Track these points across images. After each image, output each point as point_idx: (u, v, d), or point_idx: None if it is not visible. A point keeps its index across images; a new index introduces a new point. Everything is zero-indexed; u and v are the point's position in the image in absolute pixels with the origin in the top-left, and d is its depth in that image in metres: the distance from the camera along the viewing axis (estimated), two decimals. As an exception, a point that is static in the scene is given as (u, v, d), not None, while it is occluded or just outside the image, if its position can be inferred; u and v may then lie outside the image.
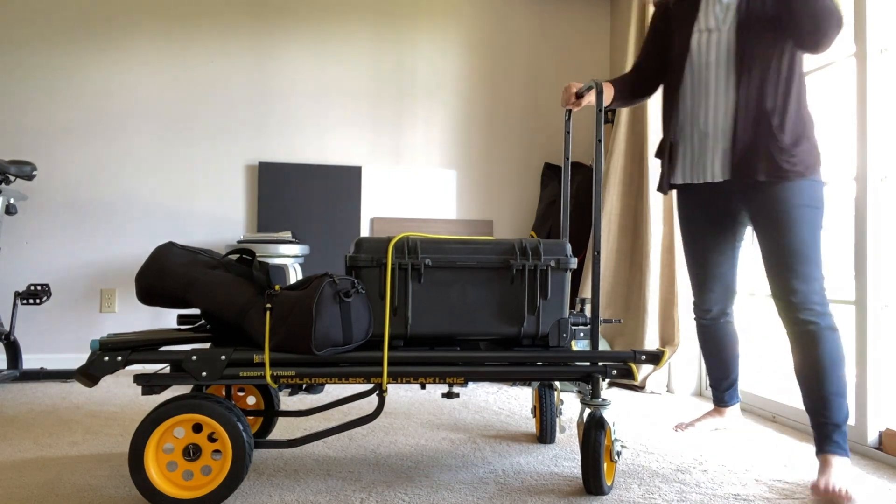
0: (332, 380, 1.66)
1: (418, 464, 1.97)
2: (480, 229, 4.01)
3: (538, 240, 1.81)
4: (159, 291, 1.74)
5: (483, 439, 2.25)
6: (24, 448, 2.10)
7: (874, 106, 2.17)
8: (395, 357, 1.68)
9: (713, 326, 2.21)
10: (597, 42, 4.18)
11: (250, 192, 3.83)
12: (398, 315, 1.73)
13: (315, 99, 3.90)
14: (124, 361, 1.60)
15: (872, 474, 1.96)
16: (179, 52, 3.78)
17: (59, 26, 3.67)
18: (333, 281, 1.65)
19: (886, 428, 2.12)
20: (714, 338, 2.22)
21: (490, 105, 4.06)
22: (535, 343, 1.80)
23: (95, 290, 3.67)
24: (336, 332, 1.62)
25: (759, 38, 1.84)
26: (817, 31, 1.72)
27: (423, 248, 1.74)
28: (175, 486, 1.57)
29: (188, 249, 1.80)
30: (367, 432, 2.33)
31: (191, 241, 3.75)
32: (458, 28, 4.04)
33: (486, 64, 4.07)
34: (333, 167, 3.85)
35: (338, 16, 3.93)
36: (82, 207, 3.67)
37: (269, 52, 3.87)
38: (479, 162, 4.05)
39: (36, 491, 1.70)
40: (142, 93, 3.75)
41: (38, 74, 3.65)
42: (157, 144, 3.76)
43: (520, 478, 1.85)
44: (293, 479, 1.81)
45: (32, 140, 3.64)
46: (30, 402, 2.78)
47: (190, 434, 1.58)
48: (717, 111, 1.92)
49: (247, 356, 1.63)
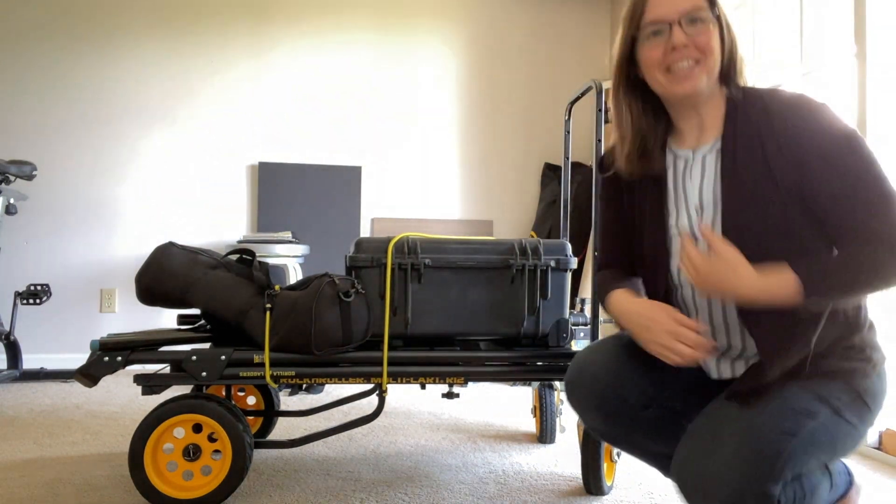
0: (332, 380, 1.66)
1: (418, 464, 1.97)
2: (480, 229, 4.01)
3: (538, 240, 1.81)
4: (159, 291, 1.74)
5: (483, 439, 2.25)
6: (24, 448, 2.09)
7: (874, 106, 2.17)
8: (395, 357, 1.67)
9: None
10: (596, 42, 4.18)
11: (250, 192, 3.83)
12: (398, 315, 1.73)
13: (315, 99, 3.90)
14: (124, 361, 1.60)
15: (872, 474, 1.96)
16: (179, 52, 3.78)
17: (59, 26, 3.67)
18: (333, 281, 1.65)
19: (886, 428, 2.12)
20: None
21: (490, 105, 4.06)
22: (535, 343, 1.80)
23: (95, 290, 3.67)
24: (336, 332, 1.62)
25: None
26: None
27: (423, 248, 1.74)
28: (175, 487, 1.57)
29: (188, 249, 1.79)
30: (367, 432, 2.33)
31: (191, 241, 3.75)
32: (458, 28, 4.04)
33: (486, 64, 4.07)
34: (333, 167, 3.85)
35: (338, 16, 3.93)
36: (82, 207, 3.67)
37: (269, 51, 3.86)
38: (479, 162, 4.05)
39: (36, 491, 1.70)
40: (142, 93, 3.75)
41: (38, 74, 3.65)
42: (157, 144, 3.76)
43: (520, 478, 1.85)
44: (293, 479, 1.81)
45: (32, 140, 3.63)
46: (30, 402, 2.78)
47: (190, 434, 1.58)
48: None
49: (247, 356, 1.63)
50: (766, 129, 1.14)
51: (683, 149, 1.26)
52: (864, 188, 1.09)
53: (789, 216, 1.12)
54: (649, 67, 1.21)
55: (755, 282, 1.07)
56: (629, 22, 1.22)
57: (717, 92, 1.22)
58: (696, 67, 1.17)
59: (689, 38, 1.15)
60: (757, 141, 1.15)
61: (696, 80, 1.17)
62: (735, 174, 1.16)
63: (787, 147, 1.12)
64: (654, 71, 1.20)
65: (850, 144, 1.11)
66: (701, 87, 1.18)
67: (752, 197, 1.14)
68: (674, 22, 1.16)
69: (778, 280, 1.07)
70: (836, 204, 1.10)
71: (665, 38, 1.17)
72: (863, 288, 1.09)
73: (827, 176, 1.10)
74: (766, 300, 1.07)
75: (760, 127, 1.15)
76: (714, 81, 1.20)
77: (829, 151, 1.11)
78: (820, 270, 1.08)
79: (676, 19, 1.16)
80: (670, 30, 1.16)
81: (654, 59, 1.19)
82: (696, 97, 1.20)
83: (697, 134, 1.24)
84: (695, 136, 1.25)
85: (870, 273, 1.07)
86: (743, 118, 1.18)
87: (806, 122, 1.12)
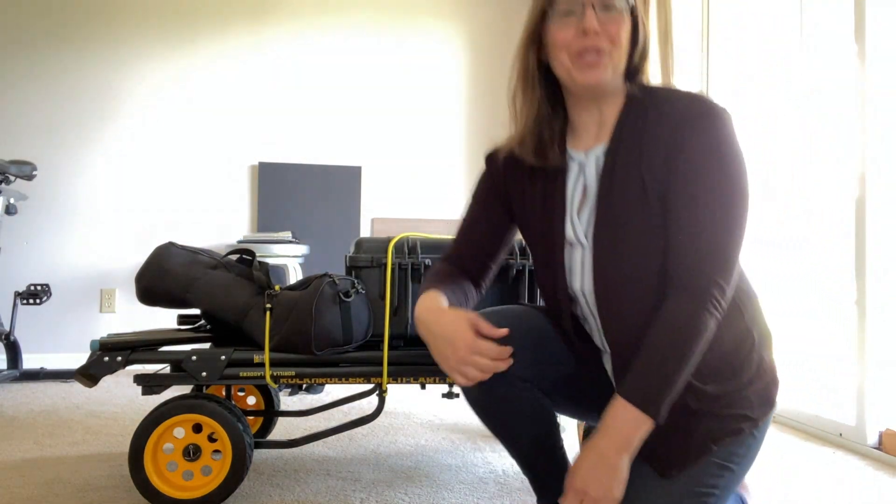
0: (332, 380, 1.66)
1: (418, 464, 1.97)
2: (480, 229, 4.01)
3: (538, 240, 1.81)
4: (159, 292, 1.74)
5: (483, 439, 2.25)
6: (24, 448, 2.09)
7: (874, 106, 2.17)
8: (396, 357, 1.67)
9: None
10: (597, 42, 4.17)
11: (250, 192, 3.83)
12: (398, 315, 1.73)
13: (315, 98, 3.90)
14: (124, 362, 1.60)
15: (872, 474, 1.96)
16: (179, 52, 3.78)
17: (59, 26, 3.67)
18: (333, 281, 1.65)
19: (886, 428, 2.12)
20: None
21: (490, 105, 4.06)
22: (535, 343, 1.79)
23: (95, 290, 3.67)
24: (336, 332, 1.62)
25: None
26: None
27: (423, 248, 1.74)
28: (175, 487, 1.57)
29: (188, 249, 1.79)
30: (367, 432, 2.33)
31: (191, 241, 3.75)
32: (458, 28, 4.04)
33: (486, 63, 4.07)
34: (333, 167, 3.85)
35: (338, 15, 3.93)
36: (82, 207, 3.67)
37: (269, 51, 3.86)
38: (479, 162, 4.04)
39: (36, 491, 1.70)
40: (142, 92, 3.75)
41: (38, 74, 3.65)
42: (157, 144, 3.76)
43: (520, 478, 1.85)
44: (293, 479, 1.81)
45: (32, 140, 3.63)
46: (30, 402, 2.78)
47: (190, 434, 1.58)
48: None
49: (247, 356, 1.63)
50: (653, 130, 1.10)
51: (578, 150, 1.20)
52: (712, 229, 1.04)
53: (653, 220, 1.09)
54: (556, 48, 1.13)
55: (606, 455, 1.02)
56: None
57: (621, 88, 1.17)
58: (603, 58, 1.10)
59: (601, 24, 1.09)
60: (641, 140, 1.11)
61: (602, 72, 1.11)
62: (612, 173, 1.13)
63: (667, 150, 1.08)
64: (561, 53, 1.12)
65: (717, 168, 1.06)
66: (606, 80, 1.12)
67: (622, 196, 1.11)
68: (587, 3, 1.09)
69: (619, 424, 1.02)
70: (678, 231, 1.06)
71: (577, 20, 1.10)
72: (691, 356, 1.03)
73: (684, 198, 1.06)
74: (632, 451, 1.03)
75: (648, 126, 1.11)
76: (619, 76, 1.15)
77: (699, 168, 1.06)
78: (640, 379, 1.03)
79: (591, 1, 1.09)
80: (583, 11, 1.09)
81: (563, 41, 1.11)
82: (601, 90, 1.14)
83: (595, 131, 1.19)
84: (592, 135, 1.19)
85: (682, 345, 1.02)
86: (635, 118, 1.14)
87: (693, 130, 1.07)
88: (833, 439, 2.28)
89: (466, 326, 1.10)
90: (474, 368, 1.08)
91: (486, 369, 1.09)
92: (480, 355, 1.08)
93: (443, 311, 1.15)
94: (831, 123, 2.57)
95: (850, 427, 2.22)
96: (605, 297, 1.14)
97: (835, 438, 2.28)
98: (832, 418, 2.31)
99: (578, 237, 1.17)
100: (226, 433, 1.56)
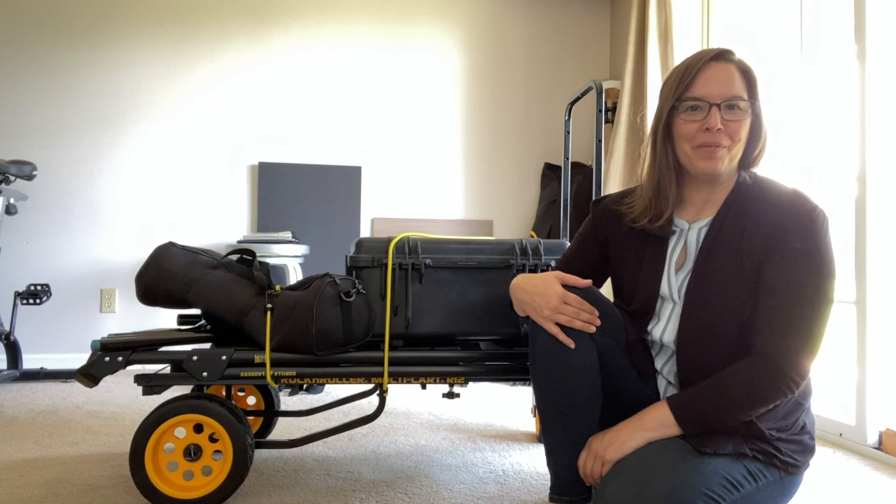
0: (332, 380, 1.66)
1: (418, 464, 1.97)
2: (480, 229, 4.01)
3: (538, 240, 1.81)
4: (159, 292, 1.74)
5: (483, 439, 2.25)
6: (24, 448, 2.09)
7: (874, 106, 2.17)
8: (396, 357, 1.68)
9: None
10: (596, 42, 4.18)
11: (250, 192, 3.83)
12: (398, 315, 1.73)
13: (314, 99, 3.90)
14: (125, 362, 1.60)
15: (872, 474, 1.96)
16: (179, 52, 3.78)
17: (59, 26, 3.67)
18: (334, 281, 1.65)
19: (886, 428, 2.12)
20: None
21: (490, 105, 4.06)
22: (535, 343, 1.79)
23: (95, 290, 3.67)
24: (337, 332, 1.62)
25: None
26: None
27: (424, 248, 1.74)
28: (175, 487, 1.57)
29: (188, 249, 1.79)
30: (367, 432, 2.33)
31: (191, 241, 3.75)
32: (458, 28, 4.04)
33: (486, 64, 4.07)
34: (333, 167, 3.85)
35: (338, 15, 3.93)
36: (82, 207, 3.67)
37: (269, 51, 3.86)
38: (479, 162, 4.05)
39: (36, 491, 1.70)
40: (142, 92, 3.75)
41: (38, 74, 3.65)
42: (157, 144, 3.76)
43: (520, 478, 1.85)
44: (293, 479, 1.81)
45: (32, 140, 3.64)
46: (30, 402, 2.78)
47: (191, 434, 1.58)
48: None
49: (247, 356, 1.63)
50: (756, 215, 1.25)
51: (682, 220, 1.35)
52: (800, 317, 1.18)
53: (743, 299, 1.22)
54: (681, 139, 1.28)
55: (630, 427, 1.21)
56: (673, 91, 1.28)
57: (734, 174, 1.32)
58: (721, 150, 1.24)
59: (724, 122, 1.23)
60: (744, 220, 1.26)
61: (719, 163, 1.26)
62: (710, 249, 1.27)
63: (767, 234, 1.22)
64: (684, 143, 1.28)
65: (813, 271, 1.19)
66: (722, 169, 1.27)
67: (720, 262, 1.26)
68: (714, 104, 1.23)
69: (654, 415, 1.21)
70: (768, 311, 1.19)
71: (702, 116, 1.24)
72: (740, 409, 1.17)
73: (777, 286, 1.20)
74: (649, 436, 1.20)
75: (751, 212, 1.26)
76: (734, 166, 1.30)
77: (792, 265, 1.19)
78: (692, 400, 1.20)
79: (718, 102, 1.23)
80: (709, 110, 1.23)
81: (687, 133, 1.27)
82: (716, 176, 1.29)
83: (701, 206, 1.34)
84: (697, 209, 1.34)
85: (743, 395, 1.16)
86: (743, 200, 1.28)
87: (789, 228, 1.21)
88: (833, 439, 2.29)
89: (555, 280, 1.30)
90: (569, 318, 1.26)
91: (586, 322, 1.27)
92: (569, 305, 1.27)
93: (532, 275, 1.35)
94: (831, 124, 2.57)
95: (850, 427, 2.22)
96: (688, 344, 1.28)
97: (835, 438, 2.28)
98: (832, 418, 2.31)
99: (672, 293, 1.32)
100: (227, 433, 1.56)
